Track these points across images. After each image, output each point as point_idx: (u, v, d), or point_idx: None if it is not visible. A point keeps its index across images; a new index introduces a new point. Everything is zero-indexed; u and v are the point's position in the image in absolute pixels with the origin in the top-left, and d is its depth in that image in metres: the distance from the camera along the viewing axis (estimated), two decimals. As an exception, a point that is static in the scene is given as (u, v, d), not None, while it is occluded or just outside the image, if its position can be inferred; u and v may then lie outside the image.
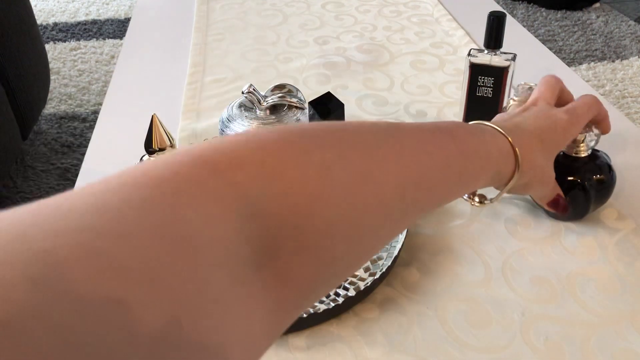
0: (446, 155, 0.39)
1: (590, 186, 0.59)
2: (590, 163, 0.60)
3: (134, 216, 0.21)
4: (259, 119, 0.68)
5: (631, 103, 1.95)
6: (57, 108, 1.97)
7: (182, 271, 0.21)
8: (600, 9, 2.67)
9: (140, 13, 1.24)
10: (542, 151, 0.50)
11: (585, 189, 0.58)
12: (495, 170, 0.45)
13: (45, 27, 2.55)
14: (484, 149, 0.43)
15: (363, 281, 0.57)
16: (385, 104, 0.88)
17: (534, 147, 0.49)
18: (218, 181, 0.25)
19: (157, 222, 0.21)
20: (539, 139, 0.50)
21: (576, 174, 0.59)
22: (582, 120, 0.56)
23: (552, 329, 0.53)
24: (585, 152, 0.59)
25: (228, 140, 0.28)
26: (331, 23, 1.15)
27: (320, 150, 0.30)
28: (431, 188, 0.37)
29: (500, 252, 0.61)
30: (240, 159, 0.27)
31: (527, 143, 0.48)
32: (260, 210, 0.26)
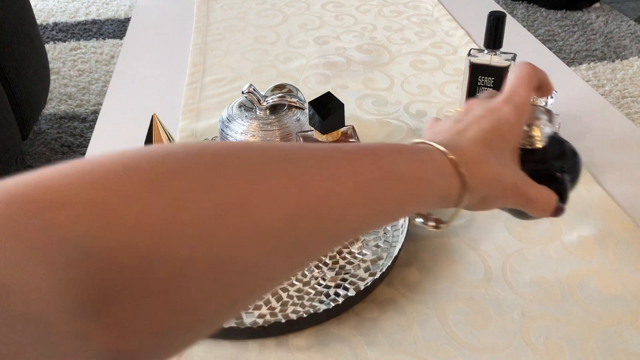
0: (363, 180, 0.34)
1: (563, 175, 0.51)
2: (553, 150, 0.52)
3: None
4: (259, 118, 0.68)
5: (631, 103, 1.95)
6: (57, 108, 1.97)
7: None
8: (600, 9, 2.67)
9: (140, 13, 1.24)
10: (492, 158, 0.44)
11: (560, 181, 0.50)
12: (439, 192, 0.40)
13: (45, 27, 2.55)
14: (417, 170, 0.38)
15: (363, 281, 0.57)
16: (385, 104, 0.88)
17: (482, 158, 0.43)
18: (33, 223, 0.23)
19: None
20: (485, 146, 0.44)
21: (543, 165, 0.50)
22: (526, 102, 0.48)
23: (552, 329, 0.53)
24: (541, 141, 0.50)
25: (59, 173, 0.25)
26: (331, 23, 1.15)
27: (173, 177, 0.26)
28: (340, 216, 0.32)
29: (500, 252, 0.61)
30: (64, 197, 0.24)
31: (472, 155, 0.42)
32: (89, 252, 0.23)
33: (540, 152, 0.50)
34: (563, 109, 0.84)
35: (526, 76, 0.49)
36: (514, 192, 0.45)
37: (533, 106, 0.50)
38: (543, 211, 0.47)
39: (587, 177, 0.72)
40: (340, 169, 0.33)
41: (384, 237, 0.63)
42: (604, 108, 0.86)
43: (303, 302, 0.56)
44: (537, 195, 0.46)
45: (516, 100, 0.47)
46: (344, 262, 0.60)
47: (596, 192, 0.69)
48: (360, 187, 0.34)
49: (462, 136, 0.44)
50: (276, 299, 0.56)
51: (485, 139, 0.44)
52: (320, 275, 0.58)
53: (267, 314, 0.54)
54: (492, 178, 0.43)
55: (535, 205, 0.46)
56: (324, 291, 0.57)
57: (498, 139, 0.45)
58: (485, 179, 0.42)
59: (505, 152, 0.46)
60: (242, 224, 0.27)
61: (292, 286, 0.57)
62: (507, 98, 0.47)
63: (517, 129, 0.47)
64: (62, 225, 0.23)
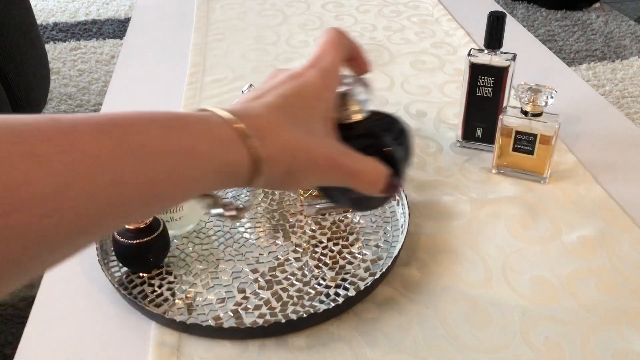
0: (84, 156, 0.28)
1: (392, 148, 0.45)
2: (377, 123, 0.46)
3: None
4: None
5: (631, 103, 1.95)
6: (57, 108, 1.97)
7: None
8: (600, 9, 2.67)
9: (140, 13, 1.24)
10: (294, 126, 0.38)
11: (389, 155, 0.44)
12: (220, 167, 0.34)
13: (45, 27, 2.55)
14: (186, 142, 0.32)
15: (363, 281, 0.57)
16: (385, 104, 0.88)
17: (278, 124, 0.37)
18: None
19: None
20: (284, 112, 0.38)
21: (368, 140, 0.44)
22: (333, 66, 0.42)
23: (552, 329, 0.53)
24: (360, 113, 0.44)
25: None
26: (331, 23, 1.15)
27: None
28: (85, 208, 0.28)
29: (500, 252, 0.61)
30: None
31: (265, 122, 0.36)
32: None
33: (363, 126, 0.45)
34: (563, 109, 0.84)
35: (332, 41, 0.44)
36: (329, 165, 0.39)
37: (345, 76, 0.45)
38: (372, 185, 0.42)
39: (587, 177, 0.72)
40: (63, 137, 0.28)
41: (384, 237, 0.63)
42: (604, 108, 0.86)
43: (303, 302, 0.56)
44: (362, 167, 0.41)
45: (322, 65, 0.41)
46: (344, 262, 0.60)
47: (596, 192, 0.69)
48: (88, 164, 0.28)
49: (255, 102, 0.38)
50: (276, 299, 0.56)
51: (284, 104, 0.38)
52: (320, 275, 0.58)
53: (267, 314, 0.54)
54: (294, 147, 0.37)
55: (361, 179, 0.41)
56: (324, 291, 0.57)
57: (302, 104, 0.39)
58: (285, 148, 0.37)
59: (314, 120, 0.40)
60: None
61: (292, 286, 0.57)
62: (312, 63, 0.42)
63: (326, 94, 0.41)
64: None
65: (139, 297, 0.56)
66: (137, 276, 0.59)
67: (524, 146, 0.69)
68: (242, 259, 0.60)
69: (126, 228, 0.57)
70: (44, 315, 0.56)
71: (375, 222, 0.65)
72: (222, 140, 0.34)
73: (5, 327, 1.20)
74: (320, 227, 0.64)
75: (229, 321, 0.54)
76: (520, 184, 0.71)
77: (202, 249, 0.62)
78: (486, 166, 0.74)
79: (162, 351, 0.52)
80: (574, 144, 0.78)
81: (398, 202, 0.66)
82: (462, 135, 0.78)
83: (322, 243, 0.62)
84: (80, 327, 0.54)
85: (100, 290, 0.58)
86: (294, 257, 0.61)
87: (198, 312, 0.55)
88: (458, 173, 0.73)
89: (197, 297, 0.56)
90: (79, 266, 0.60)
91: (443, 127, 0.82)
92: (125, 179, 0.29)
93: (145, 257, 0.58)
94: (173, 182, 0.32)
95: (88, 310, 0.56)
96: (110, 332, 0.54)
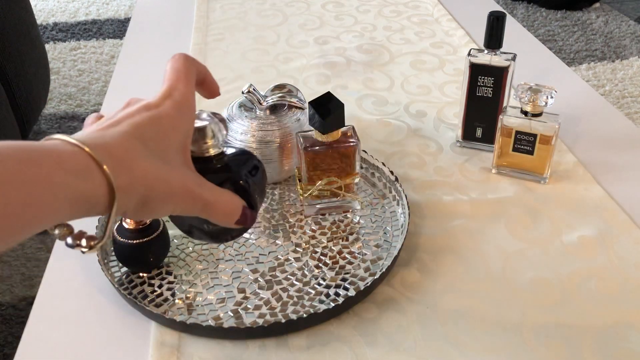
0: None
1: (247, 181, 0.47)
2: (234, 157, 0.48)
3: None
4: (259, 118, 0.68)
5: (631, 103, 1.95)
6: (57, 108, 1.97)
7: None
8: (600, 9, 2.67)
9: (140, 13, 1.24)
10: (149, 155, 0.38)
11: (243, 188, 0.46)
12: (76, 196, 0.34)
13: (45, 27, 2.55)
14: (31, 172, 0.32)
15: (363, 281, 0.57)
16: (385, 104, 0.88)
17: (132, 153, 0.37)
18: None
19: None
20: (138, 141, 0.38)
21: (224, 174, 0.46)
22: (187, 97, 0.42)
23: (552, 329, 0.53)
24: (216, 148, 0.46)
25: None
26: (331, 23, 1.15)
27: None
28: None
29: (500, 252, 0.61)
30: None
31: (118, 150, 0.36)
32: None
33: (219, 160, 0.46)
34: (563, 109, 0.84)
35: (182, 68, 0.44)
36: (184, 195, 0.40)
37: (201, 111, 0.47)
38: (227, 216, 0.43)
39: (587, 177, 0.72)
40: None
41: (384, 237, 0.63)
42: (604, 108, 0.86)
43: (303, 302, 0.56)
44: (218, 198, 0.42)
45: (176, 96, 0.42)
46: (344, 262, 0.60)
47: (596, 192, 0.69)
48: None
49: (109, 130, 0.38)
50: (276, 299, 0.56)
51: (139, 133, 0.38)
52: (320, 275, 0.58)
53: (267, 314, 0.54)
54: (148, 176, 0.38)
55: (216, 209, 0.42)
56: (324, 291, 0.57)
57: (156, 134, 0.39)
58: (138, 177, 0.37)
59: (170, 151, 0.40)
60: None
61: (292, 286, 0.57)
62: (166, 94, 0.42)
63: (181, 125, 0.41)
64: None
65: (139, 297, 0.56)
66: (137, 276, 0.59)
67: (524, 146, 0.69)
68: (242, 259, 0.60)
69: (126, 228, 0.57)
70: (44, 315, 0.56)
71: (375, 222, 0.65)
72: (77, 169, 0.34)
73: (5, 327, 1.20)
74: (320, 227, 0.64)
75: (229, 321, 0.54)
76: (520, 184, 0.71)
77: (202, 249, 0.62)
78: (486, 166, 0.74)
79: (162, 351, 0.52)
80: (574, 144, 0.78)
81: (398, 202, 0.66)
82: (462, 135, 0.78)
83: (322, 243, 0.62)
84: (80, 327, 0.54)
85: (100, 290, 0.58)
86: (294, 257, 0.61)
87: (198, 312, 0.55)
88: (458, 173, 0.73)
89: (197, 297, 0.56)
90: (79, 266, 0.60)
91: (443, 127, 0.82)
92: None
93: (145, 257, 0.58)
94: (27, 212, 0.32)
95: (88, 310, 0.56)
96: (110, 332, 0.54)
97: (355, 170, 0.64)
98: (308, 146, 0.62)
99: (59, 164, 0.34)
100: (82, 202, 0.35)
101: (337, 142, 0.62)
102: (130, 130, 0.38)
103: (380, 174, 0.70)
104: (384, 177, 0.69)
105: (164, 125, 0.40)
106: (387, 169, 0.69)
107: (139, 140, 0.38)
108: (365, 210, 0.66)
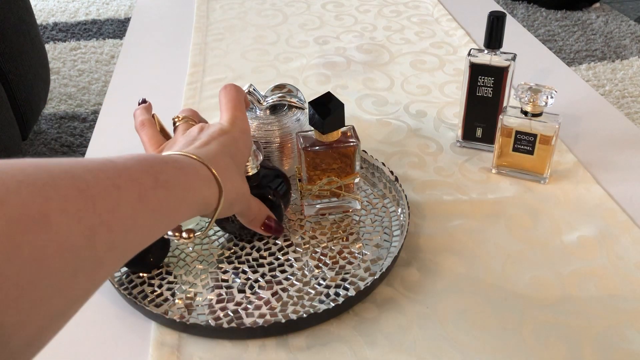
0: (140, 189, 0.35)
1: (278, 197, 0.60)
2: (265, 175, 0.60)
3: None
4: (259, 118, 0.68)
5: (631, 103, 1.95)
6: (57, 108, 1.97)
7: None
8: (600, 9, 2.67)
9: (140, 13, 1.24)
10: (236, 169, 0.49)
11: (273, 202, 0.59)
12: (200, 199, 0.43)
13: (45, 27, 2.55)
14: (184, 178, 0.41)
15: (363, 281, 0.57)
16: (385, 104, 0.88)
17: (229, 166, 0.48)
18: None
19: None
20: (229, 157, 0.48)
21: (257, 189, 0.58)
22: (248, 126, 0.54)
23: (552, 329, 0.53)
24: (255, 169, 0.58)
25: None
26: (331, 23, 1.15)
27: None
28: (127, 228, 0.33)
29: (500, 252, 0.61)
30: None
31: (222, 163, 0.47)
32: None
33: (254, 178, 0.58)
34: (563, 109, 0.84)
35: (238, 100, 0.55)
36: (246, 199, 0.52)
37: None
38: (255, 221, 0.55)
39: (587, 177, 0.72)
40: (121, 178, 0.34)
41: (384, 237, 0.63)
42: (604, 108, 0.86)
43: (303, 302, 0.56)
44: (253, 204, 0.54)
45: (241, 125, 0.53)
46: (344, 262, 0.60)
47: (596, 192, 0.69)
48: (141, 197, 0.35)
49: (207, 149, 0.47)
50: (276, 299, 0.56)
51: (227, 151, 0.49)
52: (320, 275, 0.58)
53: (267, 314, 0.54)
54: (238, 186, 0.49)
55: (249, 213, 0.54)
56: (324, 291, 0.57)
57: (236, 152, 0.50)
58: (234, 186, 0.48)
59: (242, 165, 0.52)
60: (42, 241, 0.26)
61: (292, 286, 0.57)
62: (232, 121, 0.53)
63: (248, 145, 0.53)
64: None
65: (139, 297, 0.56)
66: (137, 276, 0.59)
67: (524, 146, 0.69)
68: (242, 259, 0.60)
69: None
70: (44, 315, 0.56)
71: (375, 222, 0.65)
72: (205, 179, 0.44)
73: (5, 327, 1.20)
74: (320, 227, 0.64)
75: (229, 321, 0.54)
76: (520, 184, 0.71)
77: (202, 249, 0.62)
78: (486, 166, 0.74)
79: (162, 351, 0.52)
80: (574, 144, 0.78)
81: (398, 202, 0.66)
82: (462, 135, 0.78)
83: (322, 243, 0.62)
84: (80, 326, 0.54)
85: (100, 290, 0.58)
86: (294, 257, 0.61)
87: (198, 312, 0.55)
88: (458, 173, 0.73)
89: (197, 297, 0.56)
90: (79, 266, 0.60)
91: (443, 127, 0.82)
92: (160, 207, 0.37)
93: (145, 257, 0.58)
94: (178, 210, 0.40)
95: (88, 310, 0.56)
96: (110, 332, 0.54)
97: (355, 170, 0.64)
98: (308, 146, 0.62)
99: (195, 174, 0.43)
100: (204, 203, 0.44)
101: (337, 142, 0.62)
102: (221, 149, 0.48)
103: (380, 174, 0.70)
104: (384, 177, 0.69)
105: (239, 145, 0.51)
106: (387, 169, 0.69)
107: (228, 156, 0.48)
108: (365, 210, 0.66)
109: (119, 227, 0.32)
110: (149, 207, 0.36)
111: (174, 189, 0.39)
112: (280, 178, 0.61)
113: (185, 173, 0.42)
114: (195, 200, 0.42)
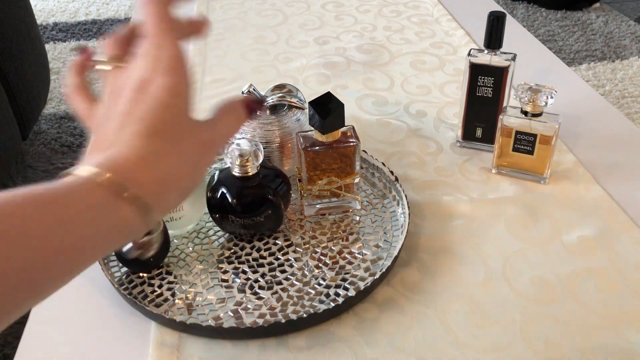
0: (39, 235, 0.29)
1: (278, 197, 0.60)
2: (266, 175, 0.60)
3: None
4: (259, 118, 0.68)
5: (631, 103, 1.95)
6: (57, 108, 1.97)
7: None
8: (600, 9, 2.67)
9: (140, 13, 1.24)
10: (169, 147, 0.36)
11: (274, 202, 0.59)
12: (112, 227, 0.32)
13: (45, 27, 2.55)
14: (63, 215, 0.31)
15: (363, 281, 0.57)
16: (385, 104, 0.88)
17: (153, 157, 0.35)
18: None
19: None
20: (153, 137, 0.35)
21: (258, 190, 0.59)
22: (176, 52, 0.39)
23: (552, 329, 0.53)
24: (255, 169, 0.58)
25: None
26: (331, 23, 1.15)
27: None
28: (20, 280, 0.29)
29: (500, 252, 0.61)
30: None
31: (139, 163, 0.34)
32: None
33: (254, 178, 0.59)
34: (563, 109, 0.84)
35: (156, 16, 0.39)
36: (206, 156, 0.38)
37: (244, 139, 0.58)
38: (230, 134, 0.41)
39: (587, 177, 0.72)
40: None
41: (384, 237, 0.63)
42: (604, 108, 0.86)
43: (303, 302, 0.56)
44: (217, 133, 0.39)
45: (165, 58, 0.37)
46: (344, 262, 0.60)
47: (596, 192, 0.69)
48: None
49: (119, 139, 0.35)
50: (276, 299, 0.56)
51: (148, 131, 0.35)
52: (320, 275, 0.58)
53: (267, 314, 0.54)
54: (175, 175, 0.35)
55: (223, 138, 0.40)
56: (324, 291, 0.57)
57: (163, 117, 0.35)
58: (167, 180, 0.35)
59: (183, 124, 0.37)
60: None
61: (292, 286, 0.57)
62: (153, 58, 0.37)
63: (181, 90, 0.37)
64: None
65: (139, 297, 0.56)
66: (137, 276, 0.59)
67: (523, 146, 0.69)
68: (242, 259, 0.60)
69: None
70: (44, 315, 0.56)
71: (375, 222, 0.65)
72: (97, 201, 0.32)
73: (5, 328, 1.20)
74: (320, 227, 0.64)
75: (229, 321, 0.54)
76: (520, 184, 0.71)
77: (202, 249, 0.62)
78: (486, 166, 0.74)
79: (162, 351, 0.52)
80: (574, 144, 0.78)
81: (398, 202, 0.66)
82: (462, 135, 0.78)
83: (322, 243, 0.62)
84: (80, 327, 0.54)
85: (100, 290, 0.58)
86: (294, 257, 0.61)
87: (198, 312, 0.55)
88: (458, 173, 0.73)
89: (197, 297, 0.56)
90: (79, 266, 0.60)
91: (443, 127, 0.82)
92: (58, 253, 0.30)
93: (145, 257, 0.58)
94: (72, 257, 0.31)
95: (88, 310, 0.56)
96: (110, 332, 0.54)
97: (355, 170, 0.63)
98: (308, 146, 0.62)
99: (75, 205, 0.31)
100: (120, 231, 0.33)
101: (337, 142, 0.62)
102: (139, 129, 0.35)
103: (380, 174, 0.70)
104: (384, 177, 0.69)
105: (168, 103, 0.36)
106: (387, 169, 0.69)
107: (152, 137, 0.35)
108: (365, 210, 0.66)
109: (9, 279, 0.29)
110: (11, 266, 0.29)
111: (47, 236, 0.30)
112: (280, 178, 0.61)
113: (62, 206, 0.31)
114: (93, 235, 0.32)
